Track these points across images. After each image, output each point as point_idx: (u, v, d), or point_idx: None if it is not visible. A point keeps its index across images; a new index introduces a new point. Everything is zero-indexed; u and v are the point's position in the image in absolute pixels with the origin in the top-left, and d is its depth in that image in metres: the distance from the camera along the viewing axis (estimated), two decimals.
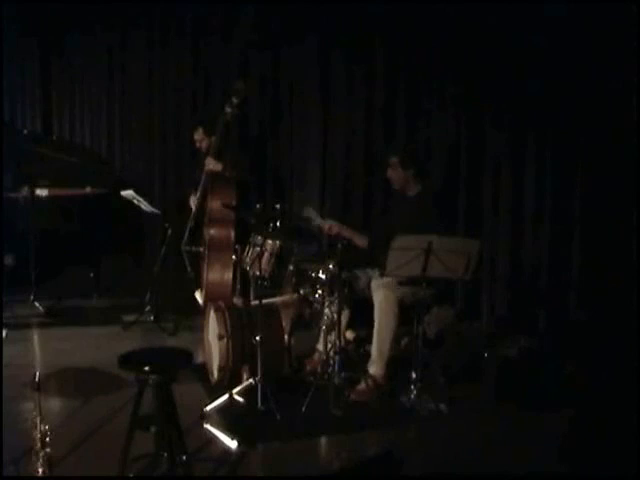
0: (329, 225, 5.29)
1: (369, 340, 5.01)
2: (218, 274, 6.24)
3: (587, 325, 5.26)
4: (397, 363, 5.01)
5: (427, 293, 4.81)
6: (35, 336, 6.21)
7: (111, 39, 9.04)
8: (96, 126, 9.49)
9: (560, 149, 5.49)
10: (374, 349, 4.93)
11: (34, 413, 3.53)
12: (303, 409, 4.58)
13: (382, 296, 4.91)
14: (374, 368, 4.92)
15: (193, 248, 6.54)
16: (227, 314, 4.95)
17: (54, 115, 9.93)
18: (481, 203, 6.04)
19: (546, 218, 5.62)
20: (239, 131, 7.52)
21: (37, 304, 6.64)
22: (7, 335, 5.92)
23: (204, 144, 6.61)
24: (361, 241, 5.27)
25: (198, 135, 6.68)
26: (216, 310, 5.03)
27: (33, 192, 6.86)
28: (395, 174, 5.23)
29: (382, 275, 4.84)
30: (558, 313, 5.60)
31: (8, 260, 6.88)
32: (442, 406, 4.72)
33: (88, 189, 7.48)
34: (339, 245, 4.83)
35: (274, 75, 7.45)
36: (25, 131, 9.44)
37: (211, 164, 6.43)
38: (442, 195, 5.94)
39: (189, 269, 6.58)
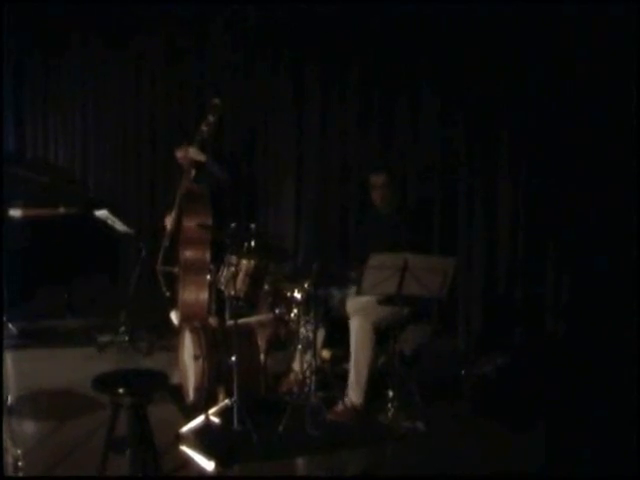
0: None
1: (346, 359, 4.98)
2: (193, 294, 6.19)
3: (563, 340, 5.29)
4: (374, 382, 4.98)
5: (404, 311, 4.79)
6: (8, 358, 6.13)
7: (84, 56, 9.00)
8: (70, 145, 9.45)
9: (533, 164, 5.54)
10: (352, 378, 4.88)
11: (5, 437, 3.49)
12: (280, 429, 4.55)
13: (357, 325, 4.87)
14: (352, 395, 4.86)
15: (168, 268, 6.50)
16: (202, 334, 4.92)
17: (27, 134, 9.87)
18: (455, 219, 6.07)
19: (520, 233, 5.65)
20: (213, 149, 7.49)
21: (10, 325, 6.55)
22: None
23: (187, 160, 6.53)
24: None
25: (181, 153, 6.57)
26: (191, 330, 5.00)
27: (6, 212, 6.80)
28: (383, 193, 5.23)
29: (358, 293, 4.82)
30: (534, 328, 5.63)
31: None
32: (419, 424, 4.70)
33: (61, 209, 7.40)
34: (314, 265, 4.82)
35: (248, 93, 7.45)
36: None
37: (195, 153, 6.36)
38: (417, 212, 5.97)
39: (164, 289, 6.53)
